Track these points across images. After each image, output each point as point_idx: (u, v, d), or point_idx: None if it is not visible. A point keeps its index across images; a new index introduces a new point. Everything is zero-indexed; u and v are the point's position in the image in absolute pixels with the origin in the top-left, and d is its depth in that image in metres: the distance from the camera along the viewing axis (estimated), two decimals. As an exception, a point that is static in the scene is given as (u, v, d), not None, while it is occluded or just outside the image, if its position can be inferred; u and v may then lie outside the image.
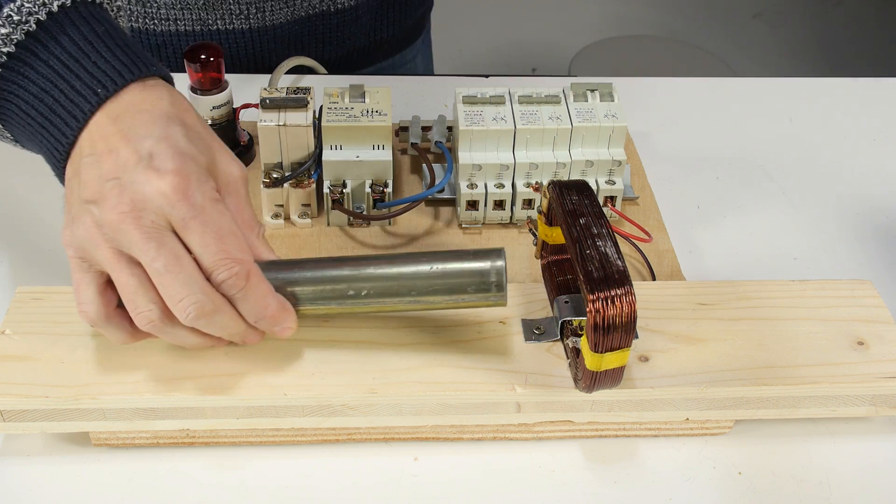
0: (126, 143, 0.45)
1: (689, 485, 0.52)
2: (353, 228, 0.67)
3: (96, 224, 0.44)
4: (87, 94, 0.46)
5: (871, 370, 0.52)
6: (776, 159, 0.77)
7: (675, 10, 2.56)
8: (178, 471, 0.52)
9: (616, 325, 0.45)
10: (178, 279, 0.44)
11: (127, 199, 0.44)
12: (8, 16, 0.46)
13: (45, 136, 0.47)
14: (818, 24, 2.57)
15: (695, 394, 0.51)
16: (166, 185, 0.44)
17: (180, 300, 0.44)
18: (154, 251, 0.44)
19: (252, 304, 0.46)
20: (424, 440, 0.54)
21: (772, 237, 0.69)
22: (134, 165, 0.44)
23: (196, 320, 0.45)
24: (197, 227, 0.44)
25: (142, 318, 0.45)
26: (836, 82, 0.88)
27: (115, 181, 0.44)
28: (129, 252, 0.44)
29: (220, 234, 0.45)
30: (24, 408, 0.48)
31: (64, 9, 0.46)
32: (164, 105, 0.47)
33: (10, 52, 0.46)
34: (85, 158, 0.46)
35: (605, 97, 0.66)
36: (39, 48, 0.46)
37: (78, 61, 0.46)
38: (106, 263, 0.45)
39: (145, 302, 0.45)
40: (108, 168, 0.45)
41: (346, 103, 0.65)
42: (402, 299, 0.48)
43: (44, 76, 0.46)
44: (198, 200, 0.44)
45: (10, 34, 0.46)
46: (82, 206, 0.45)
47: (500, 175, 0.65)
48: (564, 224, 0.49)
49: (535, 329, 0.53)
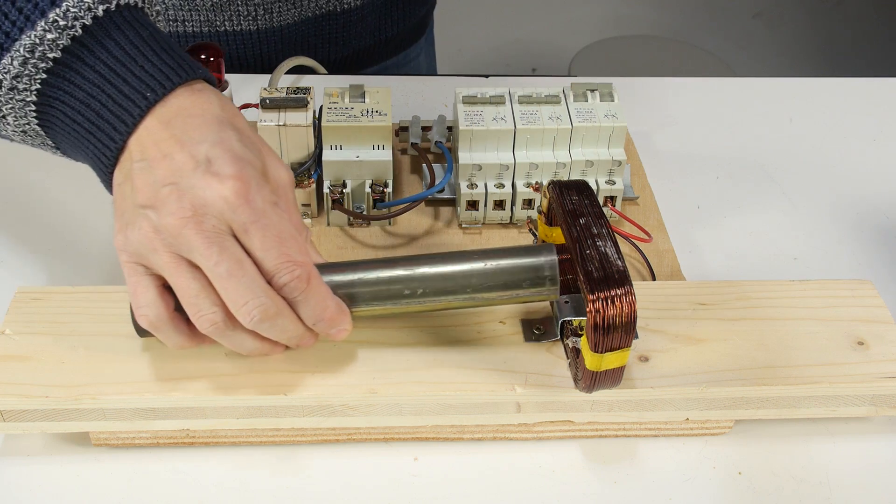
0: (181, 148, 0.45)
1: (689, 485, 0.52)
2: (353, 228, 0.67)
3: (154, 229, 0.44)
4: (135, 98, 0.45)
5: (871, 370, 0.52)
6: (776, 159, 0.77)
7: (675, 10, 2.56)
8: (178, 471, 0.52)
9: (616, 325, 0.45)
10: (241, 283, 0.44)
11: (187, 203, 0.44)
12: (54, 21, 0.45)
13: (91, 141, 0.47)
14: (818, 24, 2.57)
15: (695, 394, 0.51)
16: (227, 190, 0.44)
17: (244, 304, 0.44)
18: (217, 256, 0.44)
19: (312, 307, 0.46)
20: (424, 440, 0.54)
21: (772, 237, 0.69)
22: (192, 170, 0.44)
23: (260, 324, 0.45)
24: (258, 232, 0.44)
25: (205, 321, 0.45)
26: (836, 82, 0.88)
27: (172, 186, 0.44)
28: (189, 257, 0.44)
29: (281, 238, 0.45)
30: (24, 408, 0.48)
31: (109, 13, 0.46)
32: (215, 109, 0.47)
33: (56, 58, 0.45)
34: (136, 163, 0.45)
35: (605, 97, 0.66)
36: (86, 53, 0.46)
37: (125, 65, 0.46)
38: (164, 268, 0.45)
39: (208, 305, 0.45)
40: (163, 173, 0.44)
41: (346, 103, 0.65)
42: (457, 297, 0.49)
43: (91, 81, 0.46)
44: (258, 205, 0.44)
45: (56, 39, 0.45)
46: (137, 210, 0.45)
47: (500, 175, 0.65)
48: (564, 224, 0.49)
49: (535, 329, 0.53)
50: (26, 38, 0.45)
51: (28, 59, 0.45)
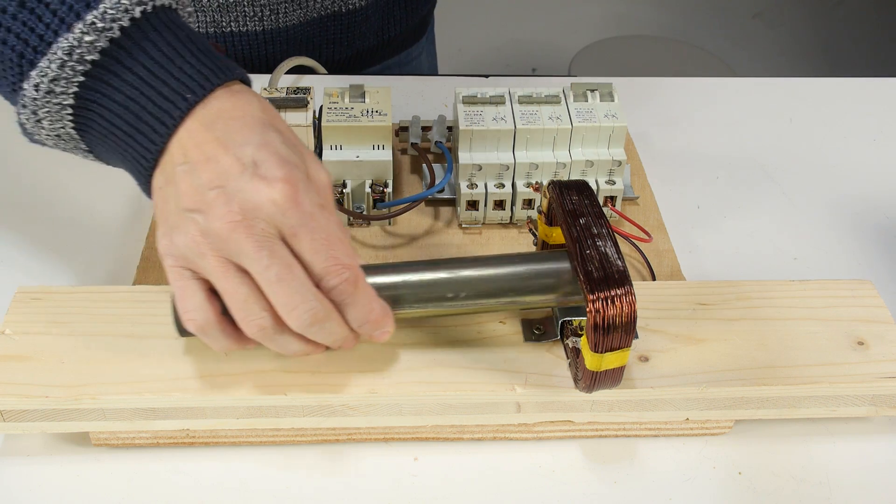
0: (225, 151, 0.44)
1: (689, 485, 0.52)
2: (353, 228, 0.67)
3: (202, 233, 0.44)
4: (175, 100, 0.45)
5: (871, 370, 0.52)
6: (776, 159, 0.77)
7: (675, 10, 2.56)
8: (178, 471, 0.52)
9: (616, 325, 0.45)
10: (291, 287, 0.44)
11: (236, 207, 0.43)
12: (92, 23, 0.44)
13: (130, 144, 0.46)
14: (818, 24, 2.57)
15: (695, 394, 0.51)
16: (277, 194, 0.43)
17: (294, 308, 0.44)
18: (267, 260, 0.43)
19: (359, 309, 0.46)
20: (424, 440, 0.54)
21: (772, 237, 0.69)
22: (239, 173, 0.44)
23: (309, 327, 0.45)
24: (307, 235, 0.44)
25: (253, 325, 0.45)
26: (836, 82, 0.88)
27: (219, 189, 0.44)
28: (238, 261, 0.44)
29: (330, 241, 0.45)
30: (24, 408, 0.48)
31: (146, 15, 0.45)
32: (256, 111, 0.46)
33: (94, 60, 0.45)
34: (178, 167, 0.45)
35: (605, 97, 0.66)
36: (124, 55, 0.45)
37: (164, 67, 0.45)
38: (212, 272, 0.44)
39: (258, 310, 0.44)
40: (209, 176, 0.44)
41: (346, 103, 0.65)
42: (499, 300, 0.49)
43: (129, 83, 0.45)
44: (307, 207, 0.44)
45: (94, 41, 0.44)
46: (183, 214, 0.44)
47: (500, 175, 0.65)
48: (564, 224, 0.49)
49: (535, 329, 0.53)
50: (63, 41, 0.44)
51: (66, 62, 0.44)
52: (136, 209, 0.68)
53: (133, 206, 0.68)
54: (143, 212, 0.68)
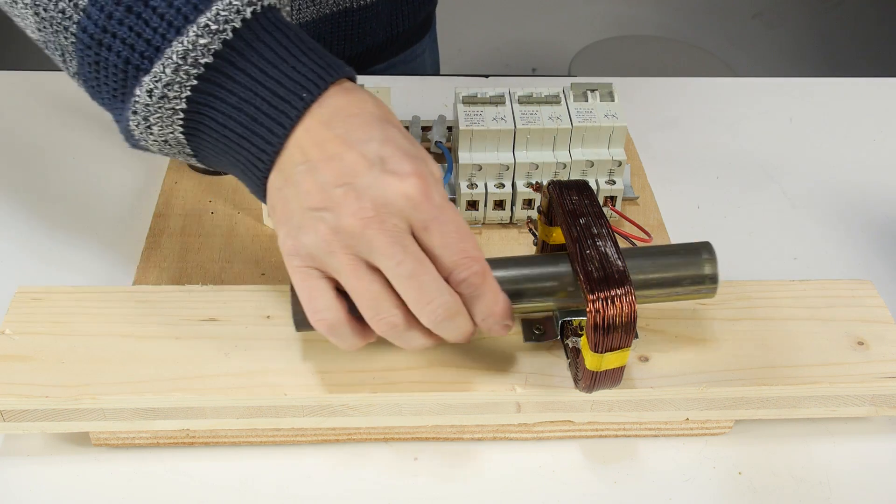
0: (348, 148, 0.44)
1: (689, 485, 0.52)
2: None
3: (332, 231, 0.43)
4: (291, 99, 0.44)
5: (871, 370, 0.52)
6: (776, 159, 0.77)
7: (675, 10, 2.56)
8: (178, 471, 0.52)
9: (616, 325, 0.45)
10: (423, 282, 0.43)
11: (368, 203, 0.43)
12: (206, 25, 0.44)
13: (245, 146, 0.45)
14: (818, 24, 2.57)
15: (695, 394, 0.51)
16: (410, 188, 0.43)
17: (428, 303, 0.44)
18: (400, 255, 0.43)
19: (486, 302, 0.46)
20: (424, 440, 0.54)
21: (772, 237, 0.69)
22: (366, 170, 0.43)
23: (441, 322, 0.44)
24: (438, 228, 0.44)
25: (384, 323, 0.44)
26: (836, 82, 0.88)
27: (347, 187, 0.43)
28: (369, 258, 0.44)
29: (460, 234, 0.44)
30: (24, 408, 0.48)
31: (256, 15, 0.45)
32: (371, 107, 0.46)
33: (207, 63, 0.44)
34: (298, 166, 0.44)
35: (605, 97, 0.66)
36: (236, 57, 0.44)
37: (276, 67, 0.45)
38: (342, 270, 0.44)
39: (389, 307, 0.44)
40: (333, 174, 0.43)
41: (346, 103, 0.65)
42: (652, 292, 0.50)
43: (243, 85, 0.44)
44: (437, 201, 0.44)
45: (208, 44, 0.44)
46: (308, 213, 0.44)
47: (500, 175, 0.65)
48: (564, 224, 0.49)
49: (535, 329, 0.53)
50: (178, 44, 0.44)
51: (180, 66, 0.44)
52: (137, 210, 0.68)
53: (133, 206, 0.68)
54: (143, 211, 0.68)
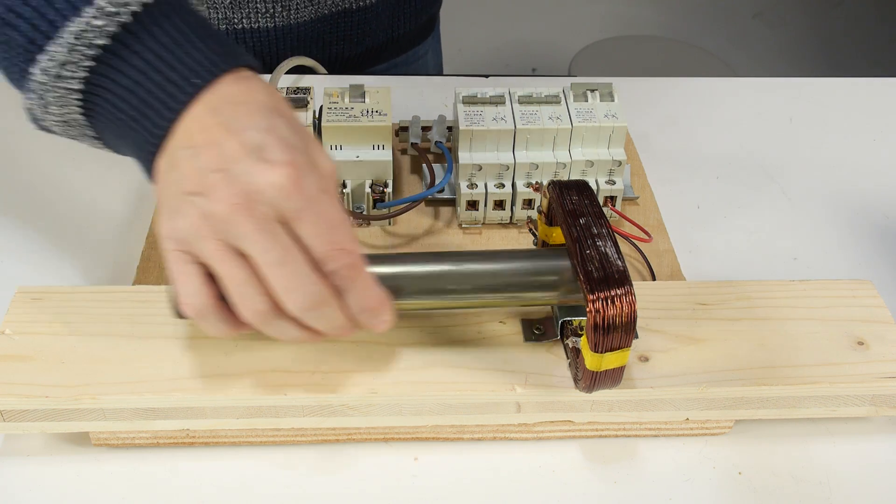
0: (230, 135, 0.44)
1: (689, 485, 0.52)
2: (354, 228, 0.67)
3: (203, 216, 0.44)
4: (182, 84, 0.45)
5: (871, 370, 0.52)
6: (776, 159, 0.77)
7: (675, 10, 2.56)
8: (178, 471, 0.52)
9: (616, 325, 0.45)
10: (290, 270, 0.44)
11: (238, 190, 0.43)
12: (102, 7, 0.44)
13: (136, 129, 0.46)
14: (818, 24, 2.57)
15: (695, 394, 0.51)
16: (280, 177, 0.43)
17: (293, 291, 0.44)
18: (268, 242, 0.43)
19: (358, 295, 0.46)
20: (424, 440, 0.54)
21: (772, 237, 0.69)
22: (243, 157, 0.44)
23: (307, 311, 0.45)
24: (310, 218, 0.44)
25: (250, 309, 0.45)
26: (836, 82, 0.88)
27: (222, 173, 0.44)
28: (238, 244, 0.44)
29: (332, 225, 0.45)
30: (24, 408, 0.48)
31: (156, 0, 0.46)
32: (262, 97, 0.46)
33: (103, 45, 0.45)
34: (182, 150, 0.45)
35: (605, 97, 0.66)
36: (132, 40, 0.45)
37: (171, 52, 0.45)
38: (211, 255, 0.44)
39: (254, 293, 0.44)
40: (211, 160, 0.44)
41: (346, 103, 0.65)
42: (500, 295, 0.49)
43: (137, 68, 0.45)
44: (310, 191, 0.44)
45: (104, 26, 0.45)
46: (184, 198, 0.44)
47: (500, 175, 0.65)
48: (564, 224, 0.49)
49: (535, 329, 0.53)
50: (73, 25, 0.44)
51: (75, 46, 0.45)
52: (137, 209, 0.68)
53: (133, 205, 0.68)
54: (143, 211, 0.68)
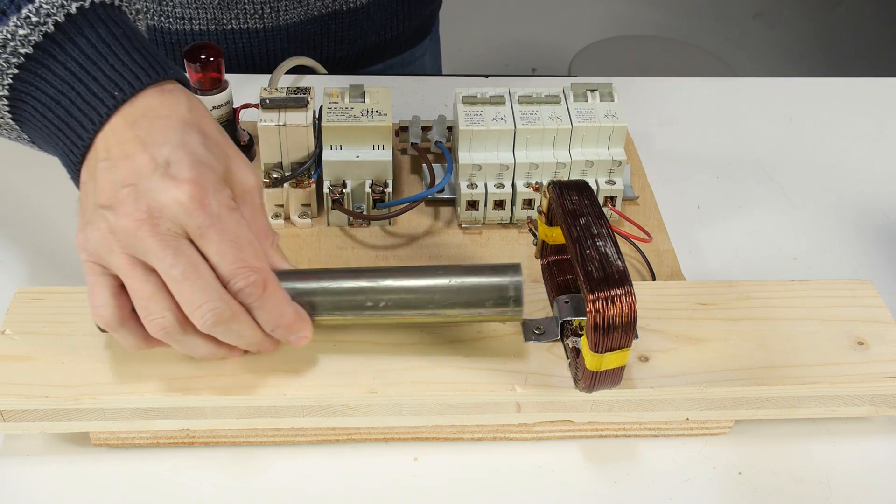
0: (143, 150, 0.45)
1: (689, 485, 0.52)
2: (353, 228, 0.67)
3: (111, 230, 0.44)
4: (103, 97, 0.45)
5: (871, 370, 0.52)
6: (776, 159, 0.77)
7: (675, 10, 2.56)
8: (178, 471, 0.52)
9: (616, 325, 0.45)
10: (195, 286, 0.44)
11: (143, 206, 0.44)
12: (26, 17, 0.45)
13: (60, 138, 0.47)
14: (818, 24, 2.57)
15: (695, 394, 0.51)
16: (183, 194, 0.43)
17: (198, 307, 0.44)
18: (171, 258, 0.43)
19: (269, 313, 0.46)
20: (424, 440, 0.54)
21: (772, 237, 0.69)
22: (151, 172, 0.44)
23: (214, 327, 0.45)
24: (214, 236, 0.44)
25: (155, 324, 0.45)
26: (836, 82, 0.88)
27: (131, 187, 0.44)
28: (145, 259, 0.44)
29: (238, 243, 0.45)
30: (24, 408, 0.48)
31: (82, 11, 0.46)
32: (182, 111, 0.46)
33: (27, 54, 0.46)
34: (101, 163, 0.45)
35: (605, 97, 0.66)
36: (57, 50, 0.46)
37: (95, 63, 0.46)
38: (120, 269, 0.45)
39: (159, 309, 0.45)
40: (124, 174, 0.44)
41: (346, 103, 0.65)
42: (420, 312, 0.49)
43: (61, 78, 0.46)
44: (214, 209, 0.44)
45: (27, 35, 0.45)
46: (97, 210, 0.45)
47: (500, 175, 0.65)
48: (564, 224, 0.49)
49: (535, 329, 0.53)
50: None
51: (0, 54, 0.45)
52: (136, 209, 0.68)
53: (133, 206, 0.68)
54: (143, 212, 0.68)
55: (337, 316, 0.49)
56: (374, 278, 0.48)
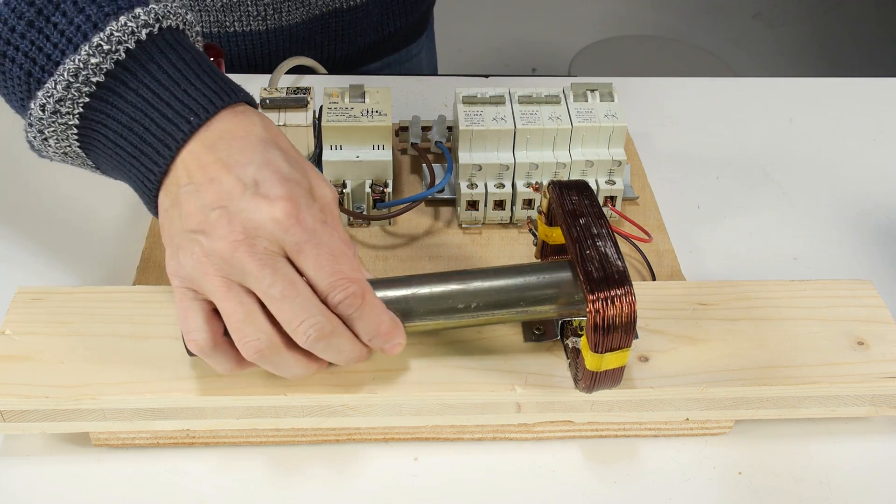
0: (227, 172, 0.44)
1: (689, 485, 0.52)
2: (353, 228, 0.67)
3: (205, 253, 0.44)
4: (179, 122, 0.45)
5: (871, 370, 0.52)
6: (776, 159, 0.77)
7: (675, 10, 2.56)
8: (178, 471, 0.52)
9: (616, 325, 0.45)
10: (295, 303, 0.44)
11: (238, 227, 0.43)
12: (98, 45, 0.45)
13: (135, 165, 0.46)
14: (818, 24, 2.57)
15: (695, 394, 0.51)
16: (278, 212, 0.43)
17: (300, 323, 0.44)
18: (270, 278, 0.43)
19: (368, 322, 0.46)
20: (424, 440, 0.54)
21: (772, 237, 0.69)
22: (241, 194, 0.44)
23: (316, 343, 0.45)
24: (311, 251, 0.44)
25: (249, 347, 0.45)
26: (836, 82, 0.88)
27: (221, 210, 0.44)
28: (241, 280, 0.44)
29: (334, 256, 0.45)
30: (24, 408, 0.48)
31: (152, 37, 0.46)
32: (258, 130, 0.46)
33: (99, 82, 0.45)
34: (183, 188, 0.45)
35: (605, 97, 0.66)
36: (129, 77, 0.45)
37: (168, 89, 0.45)
38: (214, 293, 0.44)
39: (253, 331, 0.44)
40: (211, 197, 0.44)
41: (346, 103, 0.65)
42: (510, 311, 0.49)
43: (133, 105, 0.45)
44: (309, 224, 0.44)
45: (99, 64, 0.45)
46: (187, 235, 0.45)
47: (500, 175, 0.65)
48: (564, 224, 0.49)
49: (535, 329, 0.53)
50: (70, 63, 0.44)
51: (71, 84, 0.45)
52: (137, 210, 0.68)
53: (133, 206, 0.68)
54: (143, 212, 0.68)
55: (429, 321, 0.49)
56: (463, 280, 0.49)
